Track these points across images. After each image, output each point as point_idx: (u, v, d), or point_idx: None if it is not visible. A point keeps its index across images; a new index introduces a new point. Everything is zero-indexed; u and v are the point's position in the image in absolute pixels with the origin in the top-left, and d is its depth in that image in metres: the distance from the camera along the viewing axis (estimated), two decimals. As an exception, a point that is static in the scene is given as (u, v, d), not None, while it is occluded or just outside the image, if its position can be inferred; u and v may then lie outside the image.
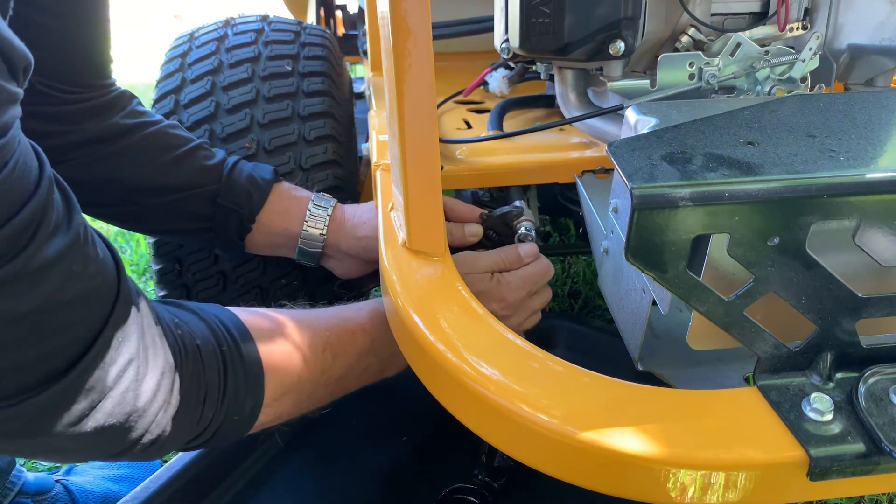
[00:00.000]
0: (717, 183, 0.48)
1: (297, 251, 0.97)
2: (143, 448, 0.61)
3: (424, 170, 0.66)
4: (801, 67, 0.82)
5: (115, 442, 0.58)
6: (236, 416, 0.67)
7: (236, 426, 0.68)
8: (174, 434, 0.62)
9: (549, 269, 0.87)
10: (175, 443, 0.64)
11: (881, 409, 0.51)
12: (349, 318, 0.79)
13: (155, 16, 6.25)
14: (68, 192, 0.53)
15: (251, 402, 0.68)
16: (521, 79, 1.09)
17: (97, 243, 0.56)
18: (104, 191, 0.90)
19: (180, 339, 0.63)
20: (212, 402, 0.64)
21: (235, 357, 0.67)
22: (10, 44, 0.45)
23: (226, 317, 0.70)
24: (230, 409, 0.66)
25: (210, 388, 0.64)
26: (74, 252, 0.51)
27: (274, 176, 0.96)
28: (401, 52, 0.61)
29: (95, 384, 0.54)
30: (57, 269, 0.50)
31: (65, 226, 0.51)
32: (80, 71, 0.84)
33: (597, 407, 0.52)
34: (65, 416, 0.53)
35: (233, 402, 0.66)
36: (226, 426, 0.67)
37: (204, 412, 0.64)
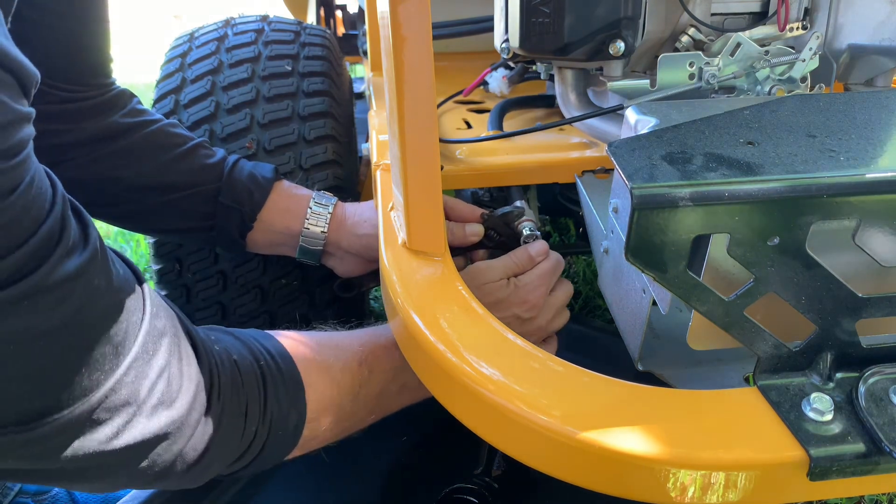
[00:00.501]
0: (717, 183, 0.48)
1: (298, 249, 0.97)
2: (186, 468, 0.59)
3: (424, 170, 0.66)
4: (801, 67, 0.81)
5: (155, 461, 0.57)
6: (280, 430, 0.66)
7: (281, 443, 0.67)
8: (217, 450, 0.61)
9: (559, 262, 0.86)
10: (219, 460, 0.62)
11: (881, 409, 0.51)
12: (382, 334, 0.78)
13: (155, 16, 6.25)
14: (81, 211, 0.53)
15: (295, 416, 0.67)
16: (521, 79, 1.09)
17: (115, 260, 0.56)
18: (105, 190, 0.90)
19: (215, 354, 0.62)
20: (253, 415, 0.63)
21: (274, 371, 0.66)
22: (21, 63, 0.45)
23: (260, 336, 0.69)
24: (274, 423, 0.65)
25: (251, 400, 0.63)
26: (95, 268, 0.51)
27: (274, 174, 0.96)
28: (401, 52, 0.61)
29: (128, 398, 0.53)
30: (80, 284, 0.49)
31: (81, 244, 0.51)
32: (79, 70, 0.84)
33: (597, 407, 0.52)
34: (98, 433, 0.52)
35: (276, 414, 0.65)
36: (271, 442, 0.65)
37: (247, 426, 0.63)
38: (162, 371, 0.56)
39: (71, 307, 0.48)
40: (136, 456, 0.55)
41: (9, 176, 0.44)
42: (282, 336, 0.71)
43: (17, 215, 0.45)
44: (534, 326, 0.81)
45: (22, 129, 0.45)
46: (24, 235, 0.45)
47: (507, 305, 0.79)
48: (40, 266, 0.46)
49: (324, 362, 0.71)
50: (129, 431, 0.54)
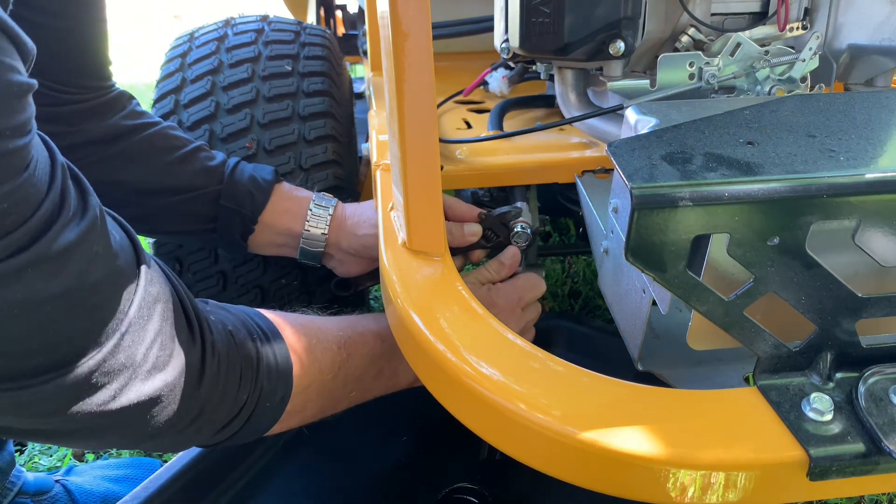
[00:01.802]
0: (717, 183, 0.48)
1: (299, 251, 0.98)
2: (177, 429, 0.61)
3: (424, 170, 0.66)
4: (801, 67, 0.81)
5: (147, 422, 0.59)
6: (268, 402, 0.68)
7: (267, 414, 0.69)
8: (209, 414, 0.63)
9: (539, 283, 0.90)
10: (210, 425, 0.64)
11: (881, 409, 0.51)
12: (360, 323, 0.81)
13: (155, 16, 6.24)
14: (80, 178, 0.54)
15: (282, 389, 0.69)
16: (521, 79, 1.09)
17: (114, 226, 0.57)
18: (106, 193, 0.89)
19: (210, 322, 0.64)
20: (246, 382, 0.65)
21: (266, 345, 0.68)
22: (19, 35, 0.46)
23: (252, 312, 0.72)
24: (263, 394, 0.67)
25: (245, 367, 0.65)
26: (94, 234, 0.52)
27: (275, 176, 0.97)
28: (401, 52, 0.61)
29: (125, 361, 0.55)
30: (80, 251, 0.51)
31: (81, 211, 0.52)
32: (78, 71, 0.84)
33: (597, 407, 0.52)
34: (96, 395, 0.54)
35: (266, 386, 0.67)
36: (258, 412, 0.67)
37: (240, 393, 0.65)
38: (156, 335, 0.57)
39: (71, 274, 0.50)
40: (131, 417, 0.57)
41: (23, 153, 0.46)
42: (267, 314, 0.73)
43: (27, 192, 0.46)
44: None
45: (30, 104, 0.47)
46: (31, 210, 0.47)
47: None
48: (43, 236, 0.48)
49: (308, 341, 0.73)
50: (126, 394, 0.55)
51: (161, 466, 0.86)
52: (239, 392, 0.65)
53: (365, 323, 0.81)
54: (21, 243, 0.46)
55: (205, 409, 0.62)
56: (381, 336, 0.80)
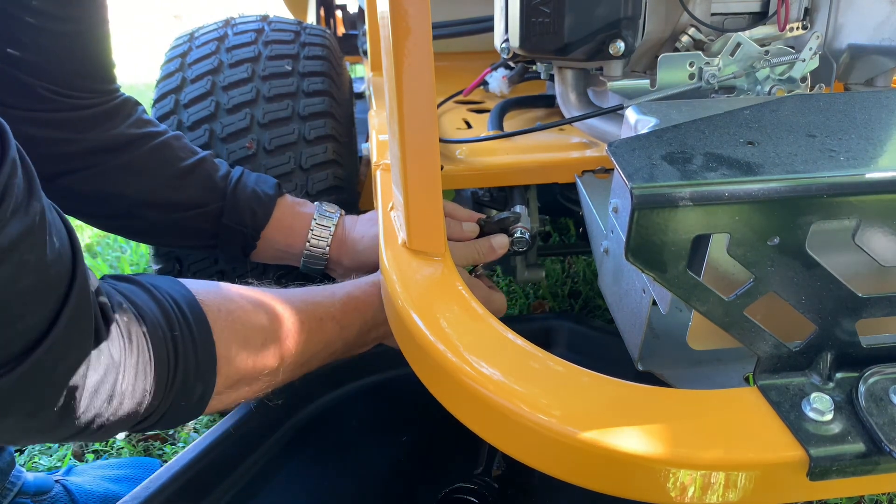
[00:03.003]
0: (717, 183, 0.48)
1: (301, 265, 0.98)
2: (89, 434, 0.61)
3: (424, 170, 0.66)
4: (801, 67, 0.81)
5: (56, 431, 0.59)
6: (183, 402, 0.66)
7: (182, 412, 0.67)
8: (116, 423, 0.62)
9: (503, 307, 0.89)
10: (119, 428, 0.63)
11: (881, 409, 0.51)
12: (319, 303, 0.77)
13: (155, 16, 6.25)
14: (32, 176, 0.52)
15: (201, 388, 0.67)
16: (521, 79, 1.09)
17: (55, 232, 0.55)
18: (109, 204, 0.90)
19: (126, 328, 0.62)
20: (159, 389, 0.63)
21: (188, 343, 0.65)
22: None
23: (181, 297, 0.67)
24: (177, 396, 0.65)
25: (159, 375, 0.63)
26: (30, 240, 0.50)
27: (277, 190, 0.97)
28: (401, 52, 0.61)
29: (45, 377, 0.54)
30: (11, 258, 0.49)
31: (22, 211, 0.50)
32: (83, 74, 0.84)
33: (597, 407, 0.52)
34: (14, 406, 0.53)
35: (181, 388, 0.65)
36: (171, 412, 0.66)
37: (150, 401, 0.63)
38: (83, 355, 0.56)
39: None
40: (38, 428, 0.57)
41: None
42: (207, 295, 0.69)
43: None
44: None
45: None
46: None
47: None
48: None
49: (245, 335, 0.70)
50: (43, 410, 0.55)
51: (161, 466, 0.86)
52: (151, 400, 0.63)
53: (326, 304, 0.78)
54: None
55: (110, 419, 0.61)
56: (341, 321, 0.78)
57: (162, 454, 1.22)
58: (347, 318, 0.78)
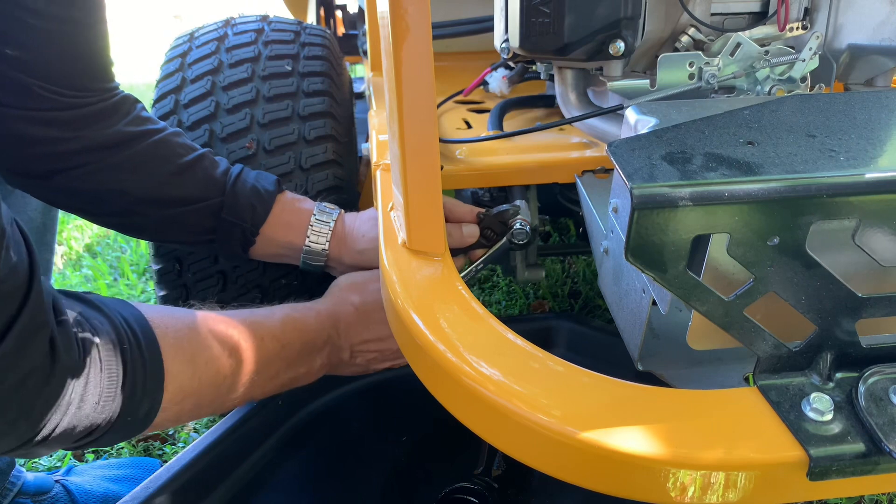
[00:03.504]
0: (717, 183, 0.48)
1: (301, 262, 0.98)
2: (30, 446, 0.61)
3: (424, 170, 0.66)
4: (801, 67, 0.81)
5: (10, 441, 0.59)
6: (129, 417, 0.66)
7: (127, 428, 0.67)
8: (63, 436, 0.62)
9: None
10: (63, 443, 0.63)
11: (881, 409, 0.51)
12: (259, 322, 0.79)
13: (155, 16, 6.25)
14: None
15: (147, 404, 0.67)
16: (521, 79, 1.09)
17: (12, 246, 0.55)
18: (107, 201, 0.90)
19: (79, 341, 0.62)
20: (107, 403, 0.63)
21: (136, 358, 0.66)
22: None
23: (130, 315, 0.68)
24: (124, 411, 0.65)
25: (106, 390, 0.63)
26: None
27: (277, 186, 0.96)
28: (401, 52, 0.61)
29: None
30: None
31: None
32: (79, 74, 0.84)
33: (597, 407, 0.52)
34: None
35: (128, 403, 0.65)
36: (116, 427, 0.66)
37: (96, 415, 0.63)
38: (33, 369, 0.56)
39: None
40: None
41: None
42: (153, 315, 0.70)
43: None
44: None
45: None
46: None
47: None
48: None
49: (190, 351, 0.71)
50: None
51: (161, 466, 0.86)
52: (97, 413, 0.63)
53: (266, 324, 0.80)
54: None
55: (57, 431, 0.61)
56: (280, 339, 0.79)
57: (162, 454, 1.22)
58: (287, 337, 0.80)
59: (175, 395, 0.69)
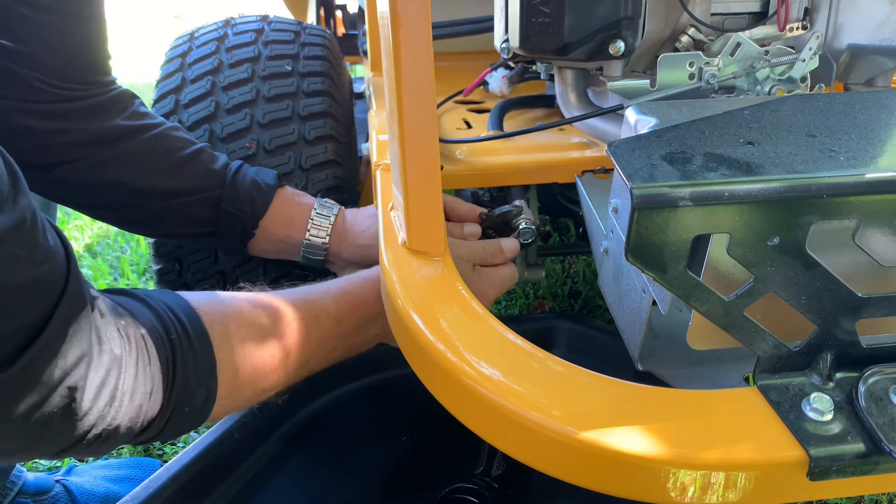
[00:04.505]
0: (717, 183, 0.48)
1: (300, 257, 0.98)
2: (88, 444, 0.60)
3: (424, 170, 0.66)
4: (801, 67, 0.82)
5: (60, 438, 0.57)
6: (187, 407, 0.65)
7: (187, 418, 0.67)
8: (122, 429, 0.61)
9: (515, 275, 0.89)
10: (123, 438, 0.62)
11: (881, 409, 0.51)
12: (314, 300, 0.77)
13: (155, 16, 6.25)
14: (16, 175, 0.52)
15: (203, 393, 0.66)
16: (521, 79, 1.09)
17: (47, 231, 0.54)
18: (107, 194, 0.90)
19: (124, 331, 0.61)
20: (157, 394, 0.63)
21: (185, 347, 0.65)
22: None
23: (176, 305, 0.67)
24: (180, 401, 0.64)
25: (157, 380, 0.62)
26: (18, 235, 0.50)
27: (277, 181, 0.96)
28: (400, 52, 0.61)
29: (42, 378, 0.52)
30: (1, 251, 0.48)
31: (9, 207, 0.49)
32: (77, 67, 0.84)
33: (597, 407, 0.52)
34: (8, 408, 0.51)
35: (183, 393, 0.64)
36: (175, 418, 0.65)
37: (151, 406, 0.62)
38: (81, 355, 0.55)
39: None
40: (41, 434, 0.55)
41: None
42: (201, 303, 0.69)
43: None
44: None
45: None
46: None
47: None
48: None
49: (244, 336, 0.70)
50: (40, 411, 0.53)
51: (161, 466, 0.86)
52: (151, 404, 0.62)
53: (321, 302, 0.78)
54: None
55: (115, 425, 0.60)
56: (336, 316, 0.77)
57: (162, 454, 1.22)
58: (343, 313, 0.78)
59: (230, 382, 0.68)
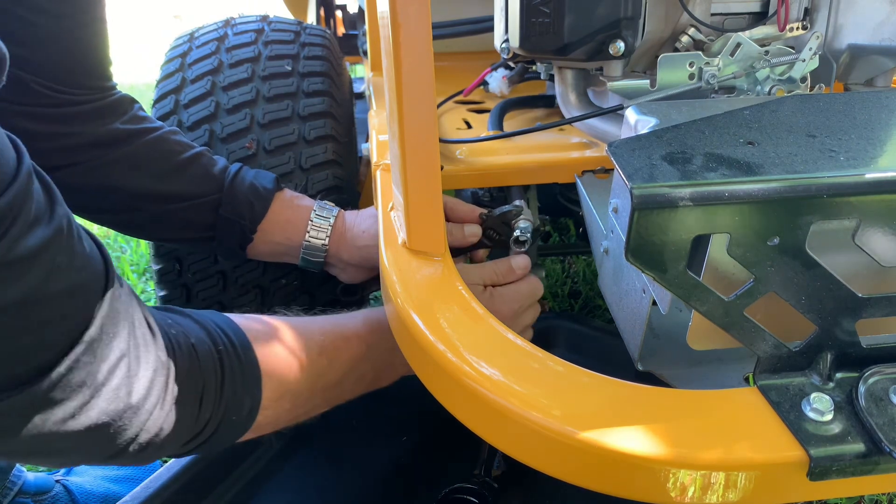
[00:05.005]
0: (717, 183, 0.48)
1: (300, 259, 0.98)
2: (139, 448, 0.60)
3: (424, 170, 0.66)
4: (801, 67, 0.81)
5: (110, 442, 0.57)
6: (234, 416, 0.67)
7: (234, 427, 0.68)
8: (172, 433, 0.62)
9: (538, 286, 0.89)
10: (173, 443, 0.63)
11: (881, 409, 0.51)
12: (343, 324, 0.79)
13: (155, 16, 6.24)
14: (50, 185, 0.52)
15: (249, 402, 0.68)
16: (521, 79, 1.09)
17: (83, 238, 0.55)
18: (105, 197, 0.90)
19: (174, 338, 0.63)
20: (209, 399, 0.64)
21: (232, 357, 0.66)
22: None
23: (221, 320, 0.70)
24: (228, 409, 0.66)
25: (207, 385, 0.64)
26: (58, 244, 0.50)
27: (275, 184, 0.96)
28: (401, 52, 0.61)
29: (86, 380, 0.53)
30: (40, 261, 0.49)
31: (46, 218, 0.50)
32: (77, 71, 0.84)
33: (597, 407, 0.52)
34: (54, 413, 0.52)
35: (231, 401, 0.66)
36: (223, 427, 0.66)
37: (202, 411, 0.64)
38: (122, 355, 0.56)
39: (28, 284, 0.48)
40: (91, 438, 0.55)
41: None
42: (243, 321, 0.71)
43: None
44: None
45: None
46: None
47: None
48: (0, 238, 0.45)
49: (283, 350, 0.72)
50: (86, 413, 0.54)
51: (161, 466, 0.86)
52: (202, 410, 0.63)
53: (350, 325, 0.80)
54: None
55: (164, 428, 0.61)
56: (366, 339, 0.79)
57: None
58: (372, 337, 0.79)
59: (273, 393, 0.69)
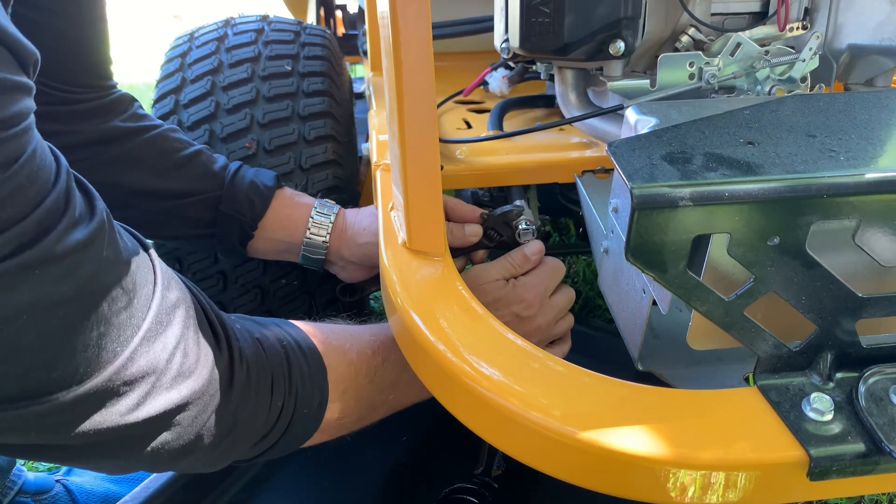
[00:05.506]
0: (717, 183, 0.48)
1: (300, 257, 0.98)
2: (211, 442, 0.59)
3: (424, 170, 0.66)
4: (801, 67, 0.81)
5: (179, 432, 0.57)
6: (305, 409, 0.67)
7: (306, 421, 0.68)
8: (244, 425, 0.61)
9: (559, 266, 0.87)
10: (246, 436, 0.62)
11: (881, 409, 0.51)
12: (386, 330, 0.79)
13: (155, 16, 6.24)
14: (87, 186, 0.54)
15: (318, 395, 0.68)
16: (521, 79, 1.09)
17: (123, 234, 0.56)
18: (105, 195, 0.89)
19: (235, 329, 0.64)
20: (279, 389, 0.64)
21: (297, 351, 0.67)
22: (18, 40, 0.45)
23: (279, 321, 0.71)
24: (299, 401, 0.66)
25: (276, 374, 0.64)
26: (103, 239, 0.51)
27: (276, 182, 0.96)
28: (401, 52, 0.61)
29: (148, 368, 0.53)
30: (89, 255, 0.49)
31: (88, 216, 0.51)
32: (77, 70, 0.84)
33: (597, 407, 0.52)
34: (117, 405, 0.52)
35: (300, 392, 0.66)
36: (296, 420, 0.66)
37: (273, 400, 0.63)
38: (178, 342, 0.56)
39: (81, 277, 0.48)
40: (158, 428, 0.55)
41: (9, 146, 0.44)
42: (297, 322, 0.73)
43: (21, 186, 0.45)
44: (533, 326, 0.82)
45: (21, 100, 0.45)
46: (29, 206, 0.45)
47: (506, 304, 0.80)
48: (46, 235, 0.46)
49: (340, 346, 0.72)
50: (150, 402, 0.54)
51: (161, 466, 0.86)
52: (273, 398, 0.63)
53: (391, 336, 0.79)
54: (23, 240, 0.45)
55: (238, 417, 0.61)
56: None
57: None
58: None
59: (338, 386, 0.70)
